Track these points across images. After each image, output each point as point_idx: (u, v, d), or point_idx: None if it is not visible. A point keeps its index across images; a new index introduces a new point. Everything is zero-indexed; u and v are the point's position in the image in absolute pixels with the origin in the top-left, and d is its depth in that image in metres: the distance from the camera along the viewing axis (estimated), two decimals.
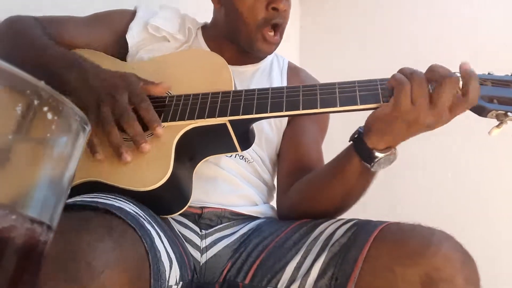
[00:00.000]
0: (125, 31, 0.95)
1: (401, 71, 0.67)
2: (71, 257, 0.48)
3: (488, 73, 0.69)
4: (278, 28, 0.91)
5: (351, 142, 0.73)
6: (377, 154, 0.68)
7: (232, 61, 0.86)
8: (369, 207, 1.68)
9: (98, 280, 0.48)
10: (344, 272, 0.62)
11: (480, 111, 0.64)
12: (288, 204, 0.87)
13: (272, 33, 0.90)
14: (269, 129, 0.93)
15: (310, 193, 0.81)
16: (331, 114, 0.99)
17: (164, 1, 1.06)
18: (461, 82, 0.63)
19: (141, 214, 0.63)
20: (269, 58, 1.03)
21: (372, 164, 0.69)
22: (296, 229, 0.75)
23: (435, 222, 0.64)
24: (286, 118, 0.96)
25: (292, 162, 0.91)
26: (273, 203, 0.97)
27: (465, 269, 0.57)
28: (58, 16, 0.95)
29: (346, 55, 1.94)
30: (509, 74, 0.68)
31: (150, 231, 0.61)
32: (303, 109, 0.70)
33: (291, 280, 0.67)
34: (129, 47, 0.95)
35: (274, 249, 0.73)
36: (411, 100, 0.62)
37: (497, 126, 0.64)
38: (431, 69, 0.65)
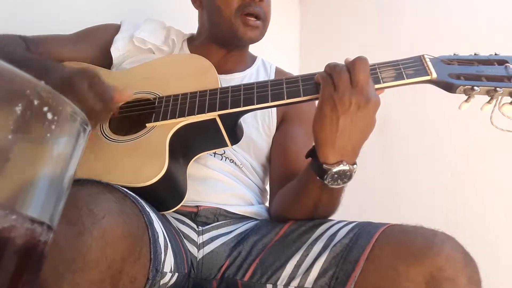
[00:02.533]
0: (109, 44, 0.97)
1: (326, 66, 0.70)
2: (72, 204, 0.48)
3: (454, 54, 0.74)
4: (259, 16, 0.92)
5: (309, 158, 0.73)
6: (325, 167, 0.66)
7: (219, 69, 0.88)
8: (369, 207, 1.68)
9: (100, 224, 0.48)
10: (345, 271, 0.63)
11: (449, 87, 0.69)
12: (272, 209, 0.90)
13: (252, 18, 0.91)
14: (258, 137, 0.95)
15: (284, 204, 0.83)
16: None
17: (151, 15, 1.08)
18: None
19: (142, 201, 0.65)
20: (255, 65, 1.04)
21: (325, 178, 0.67)
22: (295, 227, 0.76)
23: (435, 222, 0.64)
24: (275, 124, 0.97)
25: (282, 168, 0.93)
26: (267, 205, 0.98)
27: (467, 269, 0.58)
28: (43, 35, 0.98)
29: (346, 55, 1.94)
30: (473, 54, 0.73)
31: (149, 213, 0.62)
32: (287, 99, 0.73)
33: (291, 278, 0.67)
34: (113, 60, 0.97)
35: (273, 247, 0.74)
36: (334, 87, 0.65)
37: (466, 100, 0.69)
38: (345, 61, 0.68)
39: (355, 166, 0.67)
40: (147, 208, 0.63)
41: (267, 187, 0.99)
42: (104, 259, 0.48)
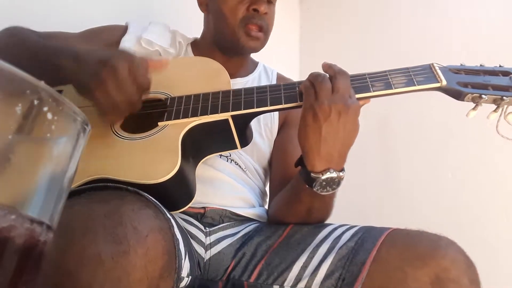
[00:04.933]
0: (116, 45, 0.97)
1: (309, 75, 0.71)
2: (117, 221, 0.50)
3: (461, 64, 0.76)
4: (261, 28, 0.93)
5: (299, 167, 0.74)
6: (313, 176, 0.68)
7: None
8: (370, 208, 1.68)
9: (144, 243, 0.50)
10: (352, 273, 0.65)
11: (458, 95, 0.72)
12: (269, 213, 0.91)
13: (255, 29, 0.92)
14: (261, 141, 0.96)
15: (279, 210, 0.85)
16: None
17: (157, 18, 1.07)
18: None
19: (161, 205, 0.65)
20: (257, 70, 1.05)
21: (314, 185, 0.69)
22: (297, 229, 0.78)
23: (436, 222, 0.65)
24: (277, 128, 0.98)
25: (280, 171, 0.94)
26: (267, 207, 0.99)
27: (469, 271, 0.61)
28: (51, 31, 0.97)
29: (346, 55, 1.94)
30: (479, 65, 0.76)
31: (170, 219, 0.62)
32: (300, 101, 0.74)
33: (298, 279, 0.69)
34: None
35: (278, 249, 0.75)
36: (315, 96, 0.67)
37: (473, 108, 0.71)
38: (329, 66, 0.71)
39: (343, 172, 0.69)
40: (168, 214, 0.63)
41: (267, 189, 1.00)
42: (145, 278, 0.49)
